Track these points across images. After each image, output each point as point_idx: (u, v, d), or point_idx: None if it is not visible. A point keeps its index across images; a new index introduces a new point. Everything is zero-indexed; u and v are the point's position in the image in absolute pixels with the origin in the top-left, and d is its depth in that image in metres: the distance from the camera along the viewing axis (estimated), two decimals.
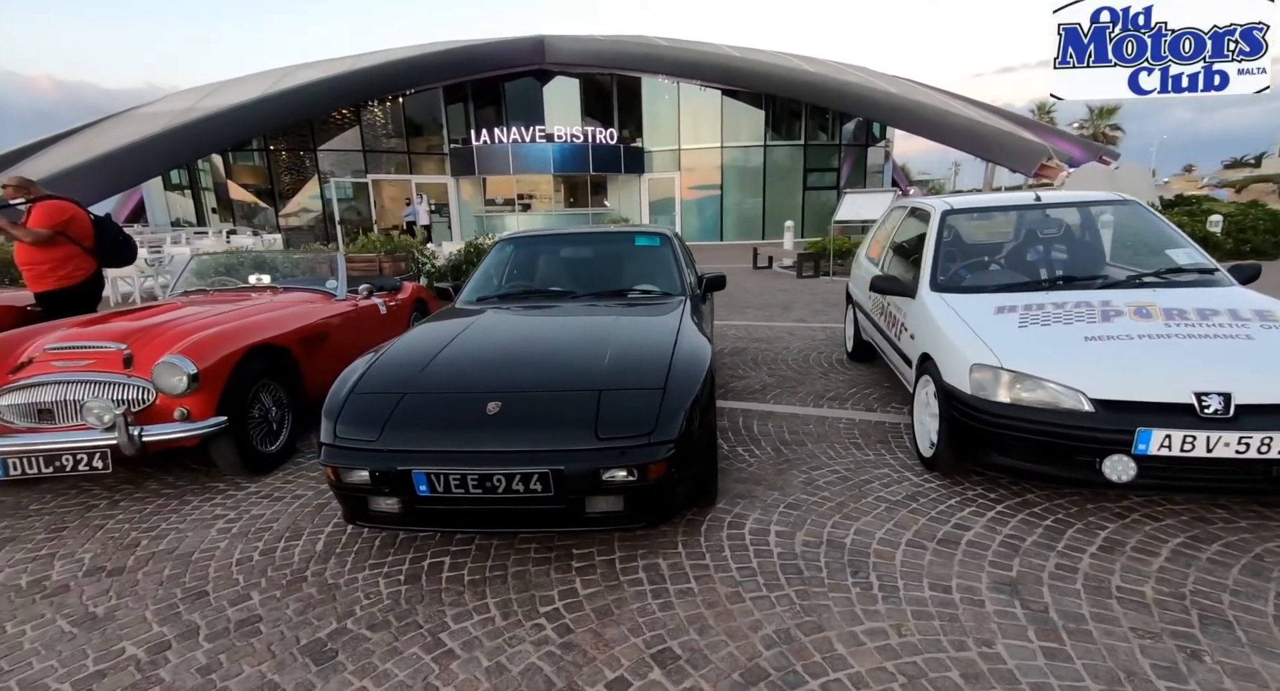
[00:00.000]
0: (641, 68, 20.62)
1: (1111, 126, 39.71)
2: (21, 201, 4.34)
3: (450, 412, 2.09)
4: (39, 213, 4.26)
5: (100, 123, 17.68)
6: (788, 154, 21.32)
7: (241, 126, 15.93)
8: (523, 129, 19.75)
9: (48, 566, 2.29)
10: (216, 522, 2.58)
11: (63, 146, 16.09)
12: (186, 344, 2.79)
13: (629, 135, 21.40)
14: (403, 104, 20.00)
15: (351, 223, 19.49)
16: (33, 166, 14.76)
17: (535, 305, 3.12)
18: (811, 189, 21.56)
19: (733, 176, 21.39)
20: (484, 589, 2.03)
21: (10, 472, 2.60)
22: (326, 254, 4.50)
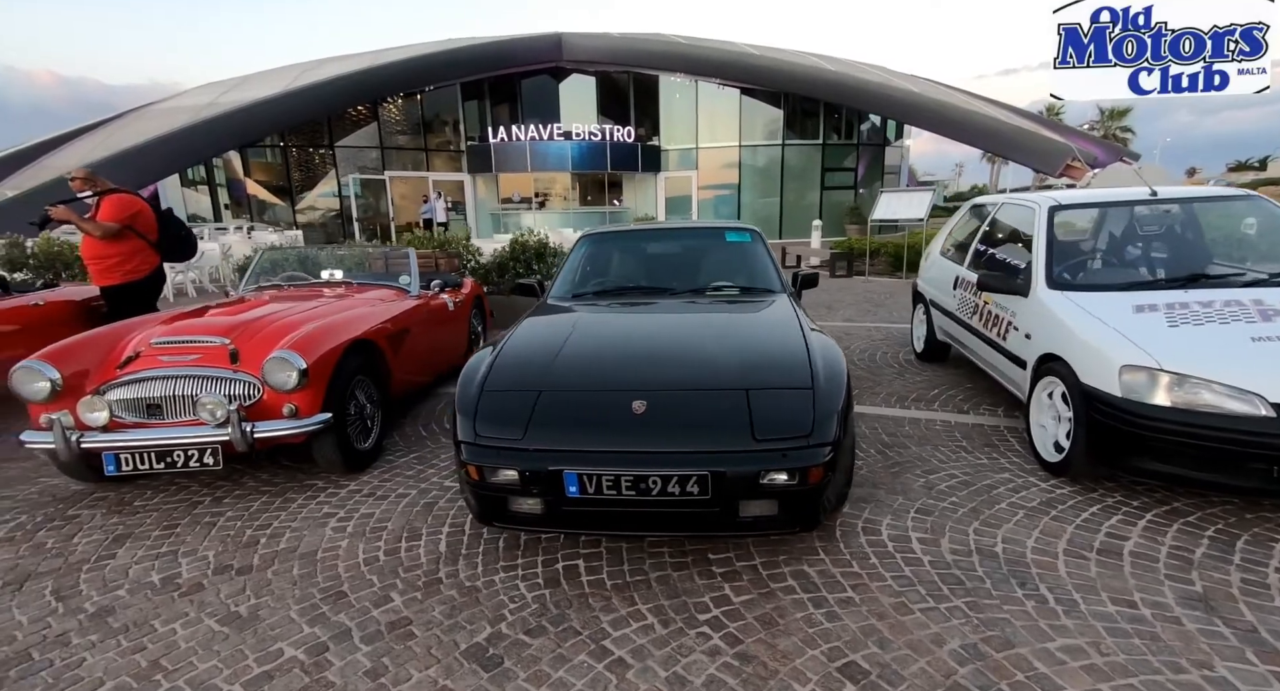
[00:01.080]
0: (660, 66, 20.55)
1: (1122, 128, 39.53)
2: (89, 194, 4.31)
3: (595, 412, 2.05)
4: (108, 206, 4.23)
5: (120, 117, 17.67)
6: (805, 153, 21.25)
7: (263, 122, 15.90)
8: (540, 127, 19.70)
9: (174, 564, 2.26)
10: (328, 521, 2.55)
11: (82, 142, 16.08)
12: (294, 339, 2.76)
13: (645, 133, 21.34)
14: (421, 101, 19.96)
15: (367, 220, 19.48)
16: (55, 162, 14.76)
17: (635, 302, 3.07)
18: (829, 188, 21.49)
19: (750, 175, 21.32)
20: (631, 594, 1.99)
21: (122, 468, 2.57)
22: (399, 249, 4.47)
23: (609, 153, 20.25)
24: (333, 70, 17.38)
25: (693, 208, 21.27)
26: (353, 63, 18.01)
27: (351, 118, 19.28)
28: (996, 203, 3.80)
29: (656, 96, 21.69)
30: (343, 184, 19.27)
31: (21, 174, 14.47)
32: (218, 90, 17.82)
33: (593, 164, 20.36)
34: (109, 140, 15.22)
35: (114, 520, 2.60)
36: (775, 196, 21.27)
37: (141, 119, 16.90)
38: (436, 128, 20.74)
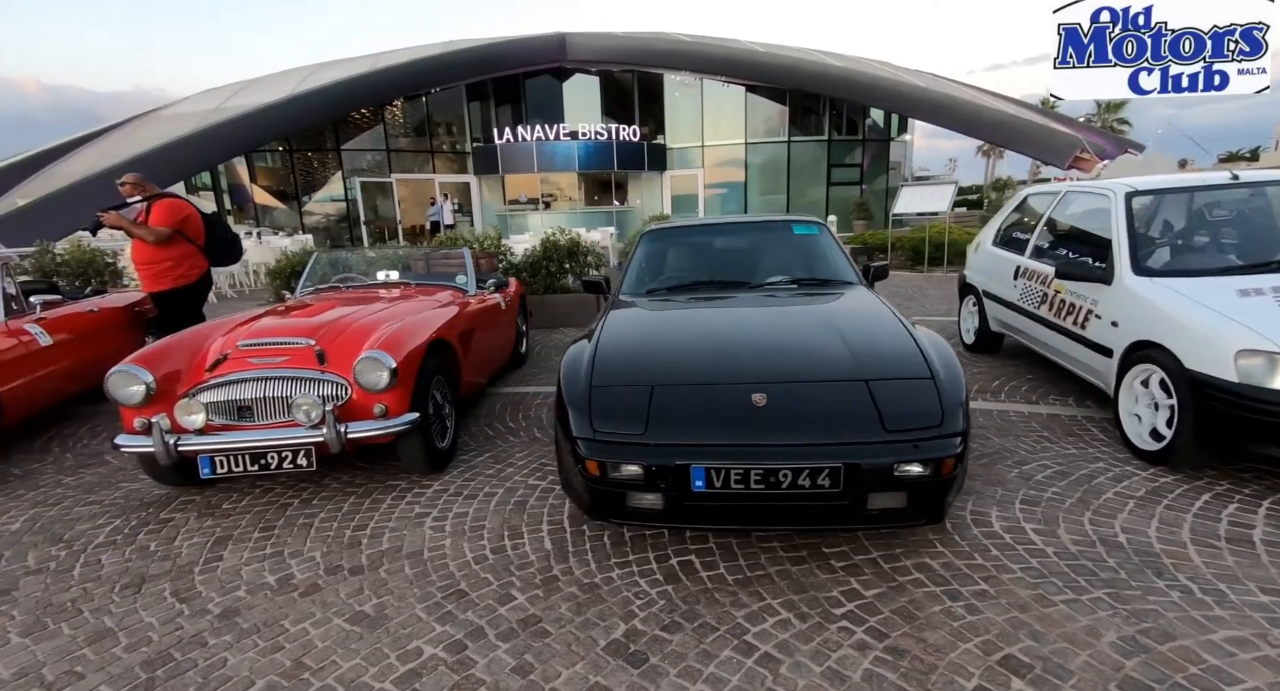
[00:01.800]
0: (665, 64, 20.54)
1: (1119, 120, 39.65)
2: (139, 199, 4.29)
3: (714, 405, 2.05)
4: (159, 211, 4.21)
5: (126, 124, 17.60)
6: (811, 149, 21.28)
7: (270, 126, 15.85)
8: (546, 127, 19.66)
9: (283, 565, 2.25)
10: (424, 521, 2.54)
11: (90, 148, 16.01)
12: (382, 339, 2.75)
13: (650, 132, 21.34)
14: (425, 103, 19.93)
15: (374, 223, 19.44)
16: (63, 169, 14.70)
17: (713, 296, 3.06)
18: (835, 184, 21.53)
19: (756, 172, 21.35)
20: (756, 589, 1.98)
21: (217, 471, 2.56)
22: (455, 250, 4.45)
23: (615, 152, 20.23)
24: (337, 73, 17.34)
25: (699, 205, 21.28)
26: (356, 66, 17.97)
27: (355, 121, 19.25)
28: (1058, 191, 3.80)
29: (661, 95, 21.68)
30: (348, 187, 19.24)
31: (31, 182, 14.40)
32: (223, 95, 17.77)
33: (599, 163, 20.34)
34: (117, 147, 15.15)
35: (209, 523, 2.58)
36: (781, 193, 21.29)
37: (148, 125, 16.83)
38: (441, 130, 20.71)
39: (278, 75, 19.04)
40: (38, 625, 1.95)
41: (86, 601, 2.07)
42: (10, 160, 17.77)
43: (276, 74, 19.26)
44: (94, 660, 1.79)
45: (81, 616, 1.99)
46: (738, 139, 20.96)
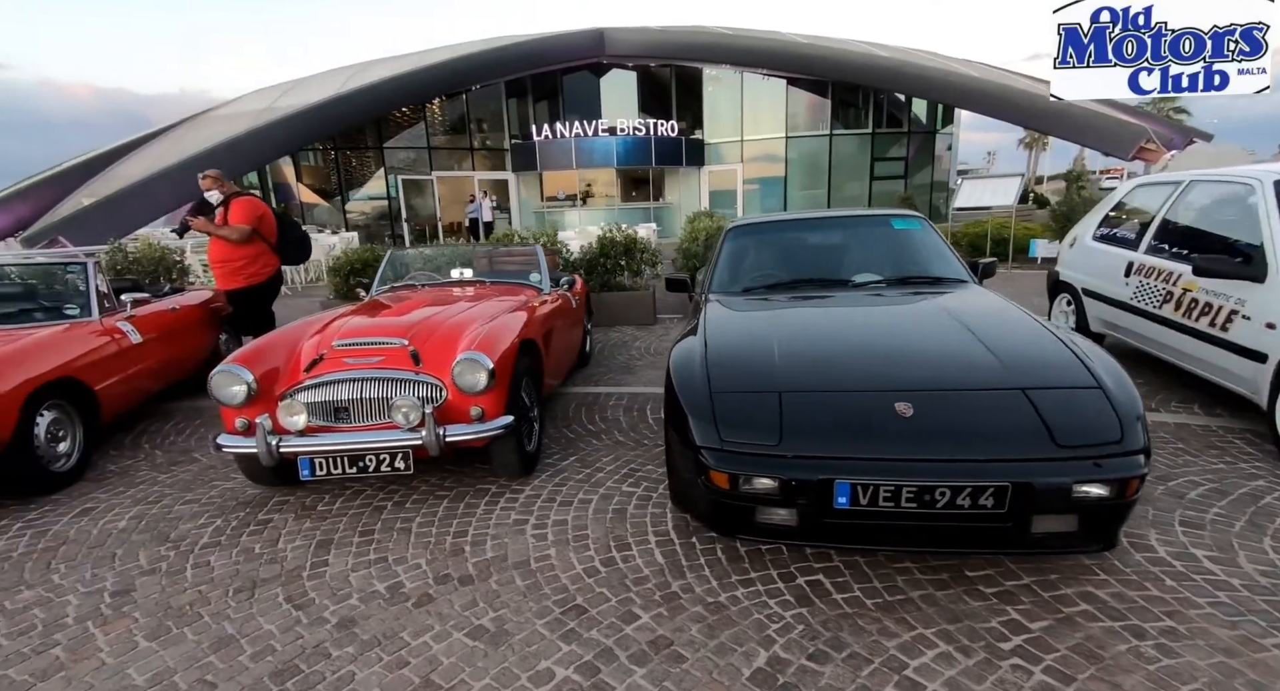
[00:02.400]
0: (705, 58, 20.26)
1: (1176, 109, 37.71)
2: (219, 198, 4.34)
3: (856, 415, 1.90)
4: (238, 209, 4.26)
5: (181, 124, 18.15)
6: (854, 143, 20.78)
7: (319, 124, 16.15)
8: (585, 123, 19.63)
9: (390, 572, 2.19)
10: (523, 528, 2.46)
11: (149, 149, 16.55)
12: (478, 340, 2.68)
13: (688, 127, 21.12)
14: (466, 100, 20.07)
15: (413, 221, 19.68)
16: (127, 169, 15.24)
17: (814, 294, 2.91)
18: (879, 178, 20.98)
19: (796, 167, 20.93)
20: (901, 615, 1.84)
21: (316, 473, 2.53)
22: (527, 247, 4.38)
23: (653, 148, 20.10)
24: (382, 71, 17.57)
25: (738, 201, 20.98)
26: (401, 64, 18.18)
27: (396, 119, 19.49)
28: (1179, 181, 3.51)
29: (699, 89, 21.43)
30: (390, 185, 19.52)
31: (95, 182, 14.97)
32: (273, 95, 18.18)
33: (637, 159, 20.22)
34: (176, 146, 15.64)
35: (307, 525, 2.55)
36: (822, 188, 20.84)
37: (202, 125, 17.34)
38: (480, 127, 20.84)
39: (325, 74, 19.40)
40: (161, 629, 1.93)
41: (203, 605, 2.04)
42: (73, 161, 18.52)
43: (323, 73, 19.64)
44: (223, 668, 1.74)
45: (202, 621, 1.96)
46: (778, 133, 20.58)
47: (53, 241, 12.15)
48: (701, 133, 21.40)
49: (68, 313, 3.44)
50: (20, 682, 1.72)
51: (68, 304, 3.49)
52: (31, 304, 3.48)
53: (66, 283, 3.60)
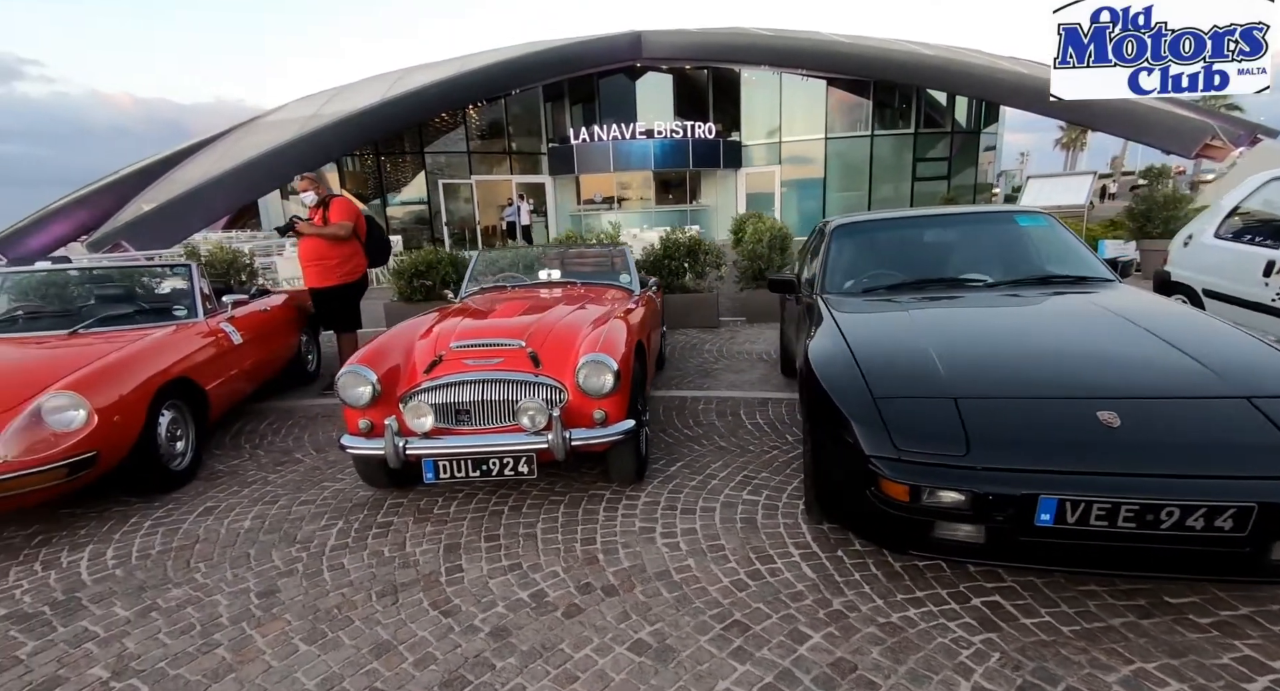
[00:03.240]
0: (743, 59, 20.13)
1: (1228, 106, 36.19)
2: (315, 198, 4.42)
3: (1053, 424, 1.78)
4: (338, 208, 4.34)
5: (232, 132, 18.69)
6: (895, 143, 20.40)
7: (365, 130, 16.46)
8: (623, 126, 19.66)
9: (529, 580, 2.14)
10: (651, 537, 2.39)
11: (204, 155, 17.07)
12: (601, 341, 2.63)
13: (724, 129, 20.98)
14: (504, 104, 20.27)
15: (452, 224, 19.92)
16: (184, 174, 15.73)
17: (946, 294, 2.78)
18: (921, 179, 20.56)
19: (836, 168, 20.64)
20: (1109, 646, 1.69)
21: (440, 476, 2.49)
22: (616, 248, 4.34)
23: (691, 150, 20.03)
24: (425, 77, 17.84)
25: (775, 204, 20.74)
26: (444, 69, 18.44)
27: (435, 124, 19.76)
28: None
29: (736, 91, 21.31)
30: (430, 188, 19.81)
31: (154, 188, 15.48)
32: (319, 101, 18.61)
33: (675, 162, 20.18)
34: (230, 152, 16.10)
35: (429, 529, 2.52)
36: (863, 190, 20.50)
37: (253, 132, 17.83)
38: (518, 130, 21.01)
39: (368, 81, 19.80)
40: (316, 632, 1.90)
41: (350, 608, 2.02)
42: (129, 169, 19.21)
43: (367, 79, 20.04)
44: (389, 676, 1.70)
45: (354, 625, 1.93)
46: (817, 134, 20.33)
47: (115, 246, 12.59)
48: (739, 134, 21.26)
49: (176, 314, 3.50)
50: (195, 683, 1.71)
51: (176, 306, 3.54)
52: (143, 305, 3.54)
53: (172, 284, 3.66)
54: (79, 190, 19.31)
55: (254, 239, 14.19)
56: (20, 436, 2.34)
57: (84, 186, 19.50)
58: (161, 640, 1.90)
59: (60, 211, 18.58)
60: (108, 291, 3.61)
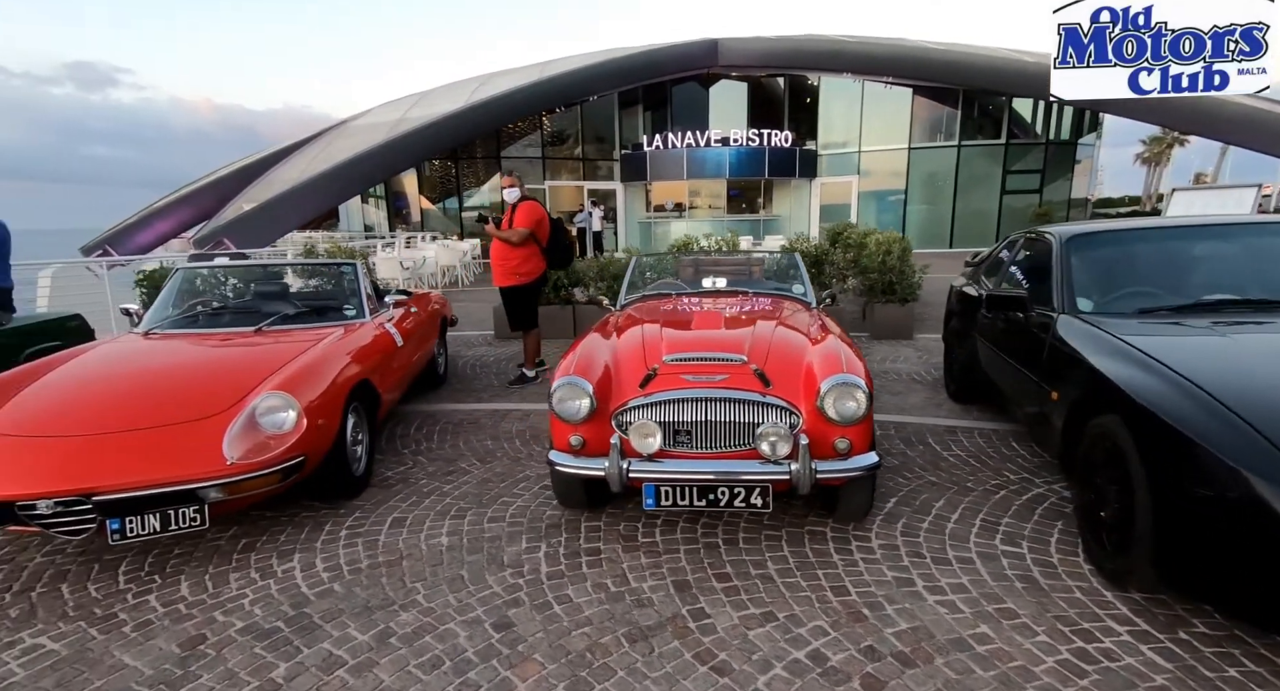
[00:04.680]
0: (824, 66, 19.66)
1: None
2: (517, 196, 4.57)
3: None
4: (522, 212, 4.47)
5: (324, 134, 19.48)
6: (984, 154, 19.45)
7: (449, 134, 16.82)
8: (697, 133, 19.46)
9: (794, 635, 1.86)
10: (914, 589, 2.08)
11: (296, 158, 17.82)
12: (843, 360, 2.34)
13: (800, 137, 20.51)
14: (579, 110, 20.41)
15: None
16: (281, 175, 16.44)
17: (1253, 320, 2.37)
18: (1011, 192, 19.51)
19: (919, 180, 19.84)
20: None
21: (661, 502, 2.26)
22: (785, 256, 4.07)
23: (767, 158, 19.65)
24: (507, 83, 18.14)
25: (852, 215, 20.06)
26: (524, 75, 18.72)
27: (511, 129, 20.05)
28: None
29: (812, 99, 20.83)
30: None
31: (254, 188, 16.23)
32: (404, 106, 19.20)
33: (750, 170, 19.84)
34: (322, 155, 16.74)
35: (644, 559, 2.28)
36: (947, 202, 19.59)
37: (342, 136, 18.51)
38: (590, 136, 21.12)
39: (451, 86, 20.33)
40: (580, 683, 1.68)
41: (604, 654, 1.79)
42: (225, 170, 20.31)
43: (450, 85, 20.59)
44: None
45: (618, 676, 1.70)
46: (899, 144, 19.59)
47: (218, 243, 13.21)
48: (814, 143, 20.74)
49: (346, 314, 3.42)
50: None
51: (345, 305, 3.47)
52: (315, 304, 3.49)
53: (340, 283, 3.60)
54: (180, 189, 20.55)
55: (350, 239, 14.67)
56: (242, 438, 2.24)
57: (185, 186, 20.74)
58: (415, 675, 1.72)
59: (164, 209, 19.81)
60: (280, 288, 3.59)
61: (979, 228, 19.29)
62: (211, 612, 2.01)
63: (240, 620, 1.97)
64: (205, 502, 2.15)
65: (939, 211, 19.75)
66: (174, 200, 19.99)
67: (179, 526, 2.11)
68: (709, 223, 20.41)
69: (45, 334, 4.12)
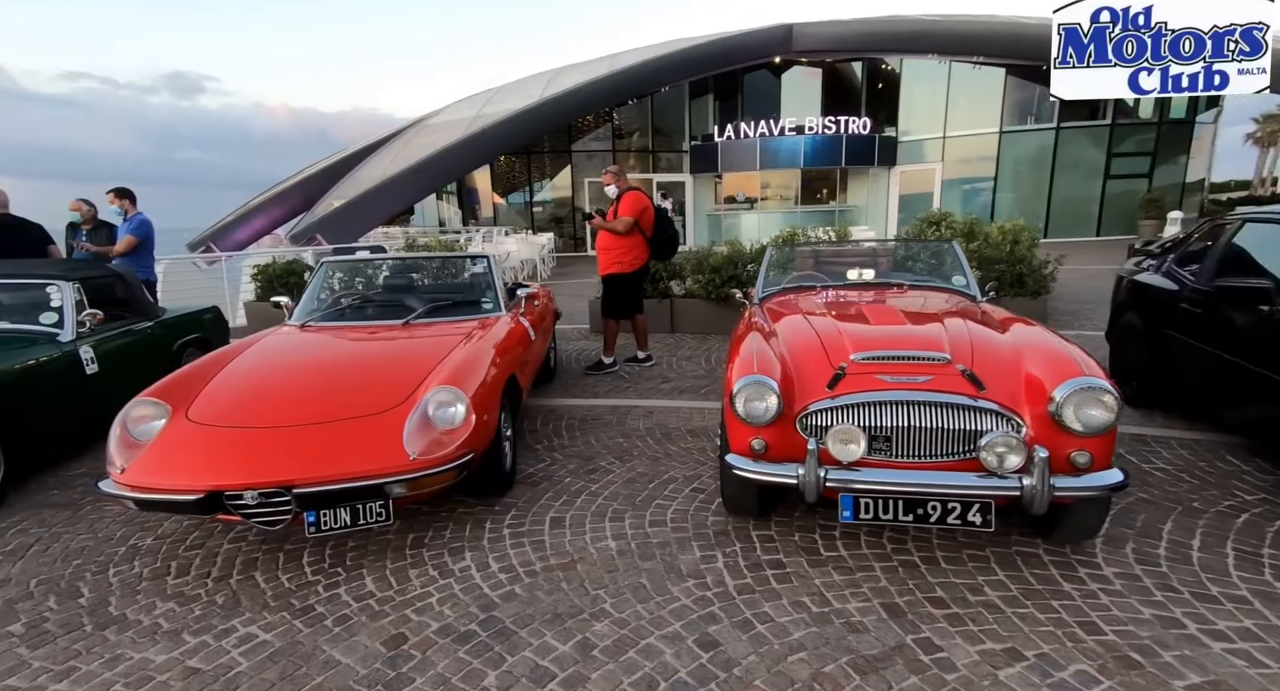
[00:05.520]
0: (907, 48, 18.66)
1: None
2: (617, 192, 4.55)
3: None
4: (626, 203, 4.45)
5: (403, 133, 20.14)
6: (1086, 137, 17.97)
7: (525, 128, 16.99)
8: (771, 123, 18.90)
9: (1059, 682, 1.60)
10: (1184, 631, 1.78)
11: (380, 155, 18.48)
12: (1079, 360, 2.06)
13: (878, 124, 19.56)
14: (650, 101, 20.20)
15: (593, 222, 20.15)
16: (366, 173, 17.09)
17: None
18: (1116, 177, 17.95)
19: (1010, 165, 18.57)
20: None
21: (860, 516, 2.05)
22: (939, 244, 3.76)
23: (844, 146, 18.86)
24: (578, 76, 18.16)
25: (934, 203, 18.97)
26: (593, 69, 18.69)
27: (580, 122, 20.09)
28: None
29: (891, 83, 19.84)
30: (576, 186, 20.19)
31: (341, 186, 16.95)
32: (478, 103, 19.58)
33: (826, 159, 19.13)
34: (403, 153, 17.29)
35: (836, 577, 2.07)
36: (1042, 189, 18.22)
37: (421, 134, 19.08)
38: (660, 128, 20.89)
39: (523, 81, 20.59)
40: None
41: (833, 686, 1.60)
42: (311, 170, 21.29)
43: (521, 80, 20.86)
44: None
45: None
46: (989, 128, 18.35)
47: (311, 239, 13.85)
48: (894, 130, 19.74)
49: (484, 307, 3.37)
50: None
51: (483, 298, 3.42)
52: (455, 297, 3.45)
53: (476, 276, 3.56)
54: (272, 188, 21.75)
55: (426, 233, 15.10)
56: (419, 433, 2.19)
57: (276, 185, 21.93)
58: None
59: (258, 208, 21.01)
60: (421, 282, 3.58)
61: (1078, 216, 17.90)
62: (403, 610, 1.96)
63: (433, 620, 1.91)
64: (390, 498, 2.10)
65: (1033, 199, 18.40)
66: (266, 199, 21.18)
67: (366, 521, 2.08)
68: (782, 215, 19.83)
69: (191, 326, 4.32)
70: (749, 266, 6.12)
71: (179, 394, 2.32)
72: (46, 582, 2.14)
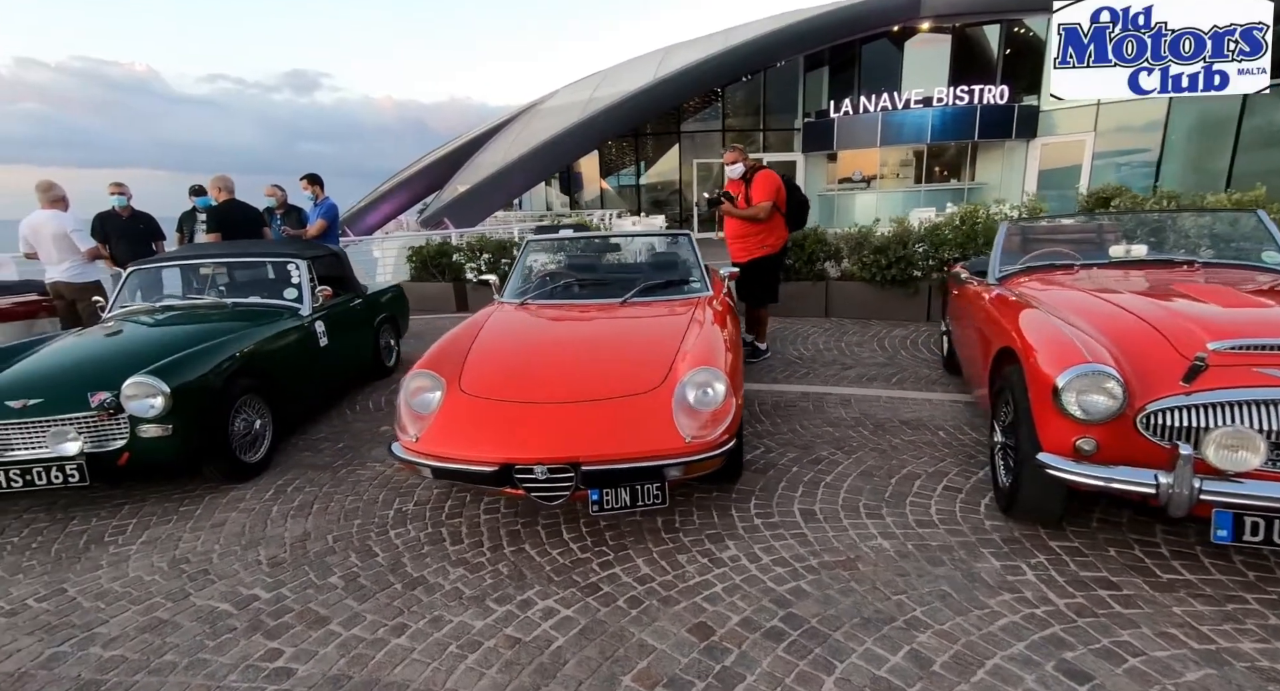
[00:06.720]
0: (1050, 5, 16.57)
1: None
2: (741, 170, 4.14)
3: None
4: (759, 185, 4.01)
5: (518, 118, 20.67)
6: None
7: (639, 110, 16.88)
8: (893, 95, 17.56)
9: None
10: None
11: (497, 141, 19.08)
12: None
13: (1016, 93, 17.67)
14: (763, 78, 19.41)
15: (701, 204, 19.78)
16: (486, 159, 17.71)
17: None
18: None
19: (1181, 135, 16.18)
20: None
21: (1243, 537, 1.71)
22: (1233, 215, 3.21)
23: (978, 118, 17.22)
24: (691, 54, 17.75)
25: (1083, 178, 16.95)
26: (708, 45, 18.19)
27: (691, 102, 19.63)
28: None
29: (1030, 48, 17.78)
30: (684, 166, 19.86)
31: (464, 171, 17.69)
32: (590, 86, 19.69)
33: (957, 133, 17.58)
34: (521, 137, 17.75)
35: (1200, 606, 1.75)
36: (1222, 162, 15.72)
37: (536, 119, 19.49)
38: (771, 106, 20.04)
39: (634, 61, 20.45)
40: None
41: None
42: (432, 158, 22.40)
43: (632, 60, 20.72)
44: None
45: None
46: None
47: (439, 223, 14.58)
48: (1037, 98, 17.73)
49: (693, 286, 3.24)
50: None
51: (690, 277, 3.30)
52: (665, 277, 3.35)
53: (677, 254, 3.44)
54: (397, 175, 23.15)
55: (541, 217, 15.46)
56: (687, 415, 2.09)
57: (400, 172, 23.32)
58: None
59: (387, 194, 22.46)
60: (630, 260, 3.53)
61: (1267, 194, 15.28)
62: (692, 598, 1.87)
63: (729, 612, 1.80)
64: (665, 480, 2.01)
65: (1208, 174, 15.93)
66: (393, 186, 22.58)
67: (645, 503, 2.01)
68: (902, 194, 18.55)
69: (387, 304, 4.55)
70: (917, 245, 5.68)
71: (448, 367, 2.35)
72: (341, 540, 2.26)
